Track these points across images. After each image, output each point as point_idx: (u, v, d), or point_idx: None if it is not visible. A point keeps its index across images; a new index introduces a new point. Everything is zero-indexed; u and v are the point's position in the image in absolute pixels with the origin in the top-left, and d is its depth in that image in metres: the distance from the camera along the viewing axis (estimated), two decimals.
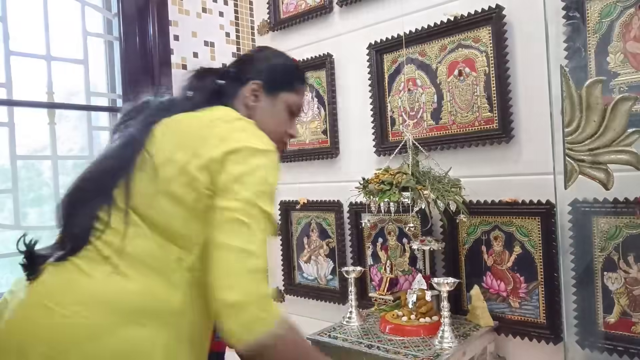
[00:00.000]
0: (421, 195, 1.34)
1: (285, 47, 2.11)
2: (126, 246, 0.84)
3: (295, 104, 1.11)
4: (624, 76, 1.27)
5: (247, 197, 0.82)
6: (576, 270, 1.35)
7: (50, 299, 0.79)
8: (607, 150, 1.09)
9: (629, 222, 1.27)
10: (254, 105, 1.06)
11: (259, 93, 1.06)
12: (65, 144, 1.76)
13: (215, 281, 0.78)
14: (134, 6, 1.87)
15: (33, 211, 1.69)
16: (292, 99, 1.10)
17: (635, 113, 1.22)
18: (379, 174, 1.45)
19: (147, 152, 0.88)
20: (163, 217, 0.86)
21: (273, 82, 1.07)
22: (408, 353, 1.25)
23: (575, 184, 1.35)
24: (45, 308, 0.78)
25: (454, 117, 1.60)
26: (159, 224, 0.86)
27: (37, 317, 0.78)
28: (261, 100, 1.07)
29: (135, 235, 0.85)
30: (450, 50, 1.59)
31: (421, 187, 1.35)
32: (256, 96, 1.06)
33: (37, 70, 1.67)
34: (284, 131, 1.11)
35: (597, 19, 1.30)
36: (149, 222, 0.86)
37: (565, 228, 1.37)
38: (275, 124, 1.08)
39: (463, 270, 1.57)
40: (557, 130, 1.18)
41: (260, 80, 1.06)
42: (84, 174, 0.93)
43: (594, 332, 1.33)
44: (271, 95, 1.07)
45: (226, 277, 0.78)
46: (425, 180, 1.38)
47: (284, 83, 1.09)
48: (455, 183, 1.45)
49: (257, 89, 1.06)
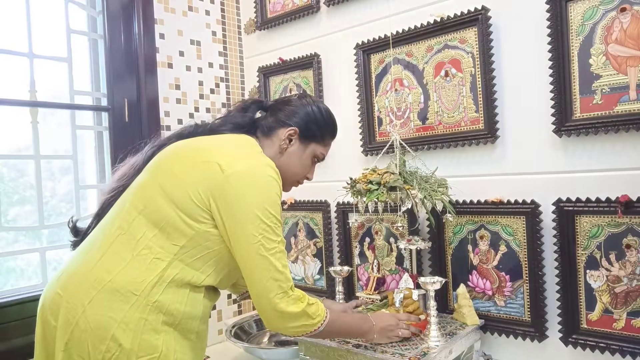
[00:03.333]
0: (409, 195, 1.35)
1: (272, 47, 2.11)
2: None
3: (322, 154, 1.25)
4: (606, 78, 1.30)
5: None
6: (559, 269, 1.37)
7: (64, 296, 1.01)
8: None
9: (611, 221, 1.30)
10: (285, 149, 1.19)
11: (294, 138, 1.19)
12: (48, 143, 1.73)
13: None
14: (118, 4, 1.84)
15: (14, 211, 1.66)
16: (319, 150, 1.24)
17: (635, 113, 1.25)
18: (367, 174, 1.45)
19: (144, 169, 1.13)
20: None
21: (308, 132, 1.21)
22: (395, 352, 1.26)
23: (559, 184, 1.38)
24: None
25: (440, 117, 1.61)
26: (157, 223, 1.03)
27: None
28: (293, 145, 1.20)
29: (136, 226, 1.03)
30: (437, 51, 1.60)
31: (409, 187, 1.36)
32: (290, 140, 1.19)
33: (19, 68, 1.63)
34: (303, 175, 1.25)
35: (579, 21, 1.32)
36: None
37: (549, 227, 1.39)
38: (299, 169, 1.22)
39: (449, 269, 1.59)
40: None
41: (298, 128, 1.19)
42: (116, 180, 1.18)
43: (577, 329, 1.35)
44: (303, 143, 1.21)
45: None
46: (413, 180, 1.39)
47: (317, 135, 1.22)
48: (442, 183, 1.46)
49: (293, 134, 1.19)
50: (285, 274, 1.04)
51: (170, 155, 1.11)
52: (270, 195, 1.04)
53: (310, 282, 2.00)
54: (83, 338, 0.94)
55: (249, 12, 2.19)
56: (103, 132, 1.85)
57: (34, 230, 1.67)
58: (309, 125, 1.20)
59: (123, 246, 1.01)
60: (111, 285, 0.97)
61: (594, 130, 1.30)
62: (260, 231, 1.01)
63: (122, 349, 0.94)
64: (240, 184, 1.01)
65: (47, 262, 1.66)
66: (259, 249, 1.01)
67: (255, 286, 1.03)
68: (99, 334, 0.94)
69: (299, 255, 2.04)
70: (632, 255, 1.27)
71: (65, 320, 0.96)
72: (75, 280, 1.00)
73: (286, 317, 1.05)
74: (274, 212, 1.03)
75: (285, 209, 2.06)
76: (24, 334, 1.52)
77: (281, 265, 1.03)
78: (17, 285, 1.62)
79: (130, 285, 0.97)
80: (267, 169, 1.05)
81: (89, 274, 0.99)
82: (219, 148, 1.09)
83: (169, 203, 1.02)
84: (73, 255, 1.08)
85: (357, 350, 1.30)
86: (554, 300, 1.39)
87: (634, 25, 1.25)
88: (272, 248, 1.02)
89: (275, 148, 1.18)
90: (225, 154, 1.06)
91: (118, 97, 1.83)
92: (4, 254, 1.60)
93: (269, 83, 2.13)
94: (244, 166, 1.04)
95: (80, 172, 1.78)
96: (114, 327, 0.94)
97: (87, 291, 0.97)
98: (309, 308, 1.08)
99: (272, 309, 1.03)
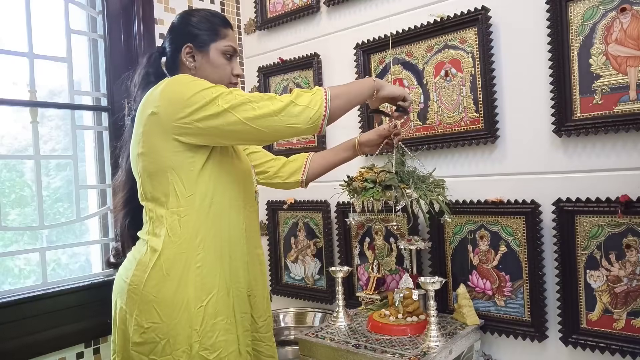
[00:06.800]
0: (404, 194, 1.34)
1: (272, 47, 2.11)
2: (155, 227, 1.12)
3: (227, 47, 1.21)
4: (606, 78, 1.30)
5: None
6: (559, 269, 1.37)
7: (123, 274, 1.14)
8: None
9: (611, 221, 1.30)
10: (194, 66, 1.19)
11: (194, 53, 1.19)
12: (48, 143, 1.73)
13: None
14: (118, 4, 1.84)
15: (14, 212, 1.66)
16: (222, 45, 1.20)
17: (635, 113, 1.25)
18: (363, 172, 1.44)
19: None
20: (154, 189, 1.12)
21: (197, 39, 1.19)
22: (395, 352, 1.26)
23: (559, 184, 1.38)
24: (123, 281, 1.14)
25: (440, 117, 1.61)
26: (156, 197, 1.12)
27: (119, 286, 1.15)
28: (198, 59, 1.19)
29: (154, 215, 1.12)
30: (437, 51, 1.60)
31: (404, 186, 1.35)
32: (192, 57, 1.19)
33: (19, 68, 1.63)
34: (228, 75, 1.22)
35: (579, 21, 1.32)
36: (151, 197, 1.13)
37: (549, 227, 1.39)
38: (217, 74, 1.20)
39: (449, 269, 1.59)
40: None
41: (189, 43, 1.18)
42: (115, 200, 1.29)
43: (577, 329, 1.35)
44: (202, 51, 1.19)
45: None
46: (409, 179, 1.38)
47: (206, 36, 1.19)
48: (439, 183, 1.44)
49: (190, 50, 1.19)
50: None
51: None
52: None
53: (310, 282, 2.00)
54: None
55: (249, 12, 2.19)
56: (103, 132, 1.85)
57: (33, 230, 1.67)
58: (192, 33, 1.19)
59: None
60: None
61: (594, 130, 1.30)
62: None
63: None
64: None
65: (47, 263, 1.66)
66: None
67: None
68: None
69: (298, 255, 2.04)
70: (632, 255, 1.27)
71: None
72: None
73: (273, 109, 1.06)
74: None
75: (285, 209, 2.06)
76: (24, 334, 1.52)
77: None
78: (15, 285, 1.62)
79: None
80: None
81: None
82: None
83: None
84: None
85: (357, 350, 1.29)
86: (554, 300, 1.39)
87: (634, 25, 1.25)
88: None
89: (188, 72, 1.18)
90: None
91: (118, 97, 1.83)
92: (3, 254, 1.60)
93: (269, 83, 2.13)
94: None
95: (80, 172, 1.78)
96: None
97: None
98: (300, 92, 1.09)
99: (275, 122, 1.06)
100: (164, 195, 1.10)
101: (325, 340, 1.38)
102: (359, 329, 1.46)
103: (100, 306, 1.69)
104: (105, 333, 1.69)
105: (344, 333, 1.43)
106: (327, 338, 1.40)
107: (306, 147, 1.99)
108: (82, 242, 1.80)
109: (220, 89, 1.06)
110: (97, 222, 1.83)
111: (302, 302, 2.03)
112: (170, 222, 1.09)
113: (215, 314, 1.09)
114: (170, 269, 1.07)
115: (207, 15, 1.22)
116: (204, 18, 1.21)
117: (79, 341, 1.63)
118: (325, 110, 1.07)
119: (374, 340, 1.35)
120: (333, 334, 1.43)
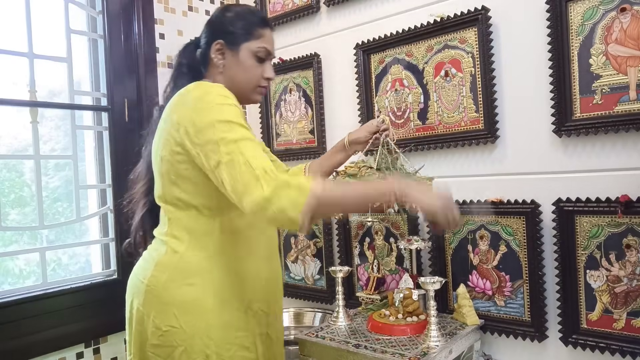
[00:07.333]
0: None
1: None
2: (173, 228, 1.09)
3: (260, 49, 1.16)
4: (606, 78, 1.30)
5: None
6: (559, 269, 1.37)
7: (140, 274, 1.11)
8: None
9: (611, 221, 1.30)
10: (222, 64, 1.15)
11: (224, 50, 1.15)
12: (47, 143, 1.73)
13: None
14: (118, 4, 1.84)
15: (14, 212, 1.66)
16: (254, 46, 1.15)
17: (635, 113, 1.25)
18: (347, 167, 1.43)
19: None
20: (177, 194, 1.08)
21: (230, 36, 1.14)
22: (395, 352, 1.26)
23: (559, 184, 1.38)
24: (139, 281, 1.10)
25: (440, 117, 1.61)
26: (176, 201, 1.09)
27: (135, 287, 1.11)
28: (227, 57, 1.15)
29: (174, 217, 1.09)
30: (437, 51, 1.60)
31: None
32: (222, 54, 1.15)
33: (19, 68, 1.63)
34: (257, 77, 1.18)
35: (579, 21, 1.32)
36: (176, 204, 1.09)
37: (549, 227, 1.39)
38: (244, 75, 1.16)
39: (449, 269, 1.59)
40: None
41: (221, 39, 1.14)
42: (131, 193, 1.24)
43: (577, 329, 1.35)
44: (233, 49, 1.15)
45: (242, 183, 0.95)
46: (390, 175, 1.34)
47: (241, 35, 1.14)
48: (425, 181, 1.39)
49: (220, 47, 1.15)
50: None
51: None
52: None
53: (310, 282, 2.00)
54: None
55: None
56: (103, 132, 1.85)
57: (33, 230, 1.67)
58: (225, 29, 1.14)
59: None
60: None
61: (594, 130, 1.30)
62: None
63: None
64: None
65: (47, 263, 1.66)
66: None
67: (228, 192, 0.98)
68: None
69: (298, 255, 2.04)
70: (632, 255, 1.27)
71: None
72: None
73: (270, 198, 0.91)
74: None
75: None
76: (24, 334, 1.52)
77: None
78: (15, 285, 1.62)
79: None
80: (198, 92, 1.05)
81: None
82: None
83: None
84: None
85: (357, 350, 1.29)
86: (554, 300, 1.39)
87: (634, 25, 1.25)
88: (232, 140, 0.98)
89: (217, 69, 1.16)
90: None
91: (118, 97, 1.83)
92: (3, 254, 1.60)
93: (269, 83, 2.12)
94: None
95: (80, 172, 1.78)
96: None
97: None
98: (292, 180, 0.94)
99: (253, 204, 0.93)
100: (185, 201, 1.07)
101: (325, 340, 1.38)
102: (359, 329, 1.46)
103: (100, 306, 1.69)
104: (105, 333, 1.69)
105: (344, 333, 1.43)
106: (327, 338, 1.40)
107: (306, 147, 1.99)
108: (82, 242, 1.80)
109: (229, 146, 0.97)
110: (97, 222, 1.83)
111: (302, 302, 2.03)
112: (192, 227, 1.07)
113: (233, 326, 1.06)
114: (192, 274, 1.05)
115: (243, 12, 1.17)
116: (240, 15, 1.16)
117: (79, 341, 1.63)
118: (300, 217, 0.91)
119: (374, 340, 1.35)
120: (333, 334, 1.43)
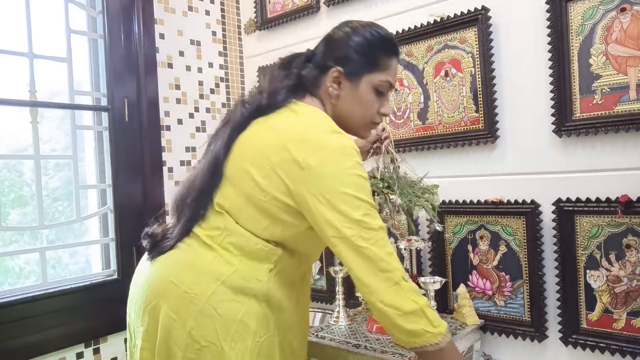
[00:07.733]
0: (387, 200, 1.28)
1: (272, 47, 2.11)
2: (225, 238, 0.97)
3: (383, 82, 1.03)
4: (606, 78, 1.30)
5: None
6: (559, 269, 1.37)
7: (175, 277, 0.96)
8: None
9: (611, 221, 1.30)
10: (337, 95, 1.02)
11: (341, 80, 1.02)
12: (47, 143, 1.73)
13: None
14: (118, 4, 1.84)
15: (14, 212, 1.66)
16: (377, 79, 1.02)
17: (635, 113, 1.25)
18: None
19: (223, 171, 1.00)
20: (250, 220, 0.98)
21: (353, 65, 1.01)
22: (395, 352, 1.26)
23: (559, 184, 1.38)
24: (173, 284, 0.96)
25: (440, 117, 1.61)
26: (246, 225, 0.97)
27: (167, 289, 0.96)
28: (344, 88, 1.02)
29: (231, 230, 0.97)
30: (437, 51, 1.60)
31: (388, 192, 1.29)
32: (339, 84, 1.02)
33: (19, 68, 1.63)
34: (373, 113, 1.06)
35: (579, 21, 1.32)
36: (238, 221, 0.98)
37: (549, 227, 1.39)
38: (361, 110, 1.04)
39: (449, 269, 1.59)
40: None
41: (340, 66, 1.01)
42: (189, 180, 1.06)
43: (577, 329, 1.35)
44: (353, 81, 1.02)
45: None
46: (395, 185, 1.31)
47: (365, 65, 1.01)
48: (429, 189, 1.37)
49: (338, 76, 1.02)
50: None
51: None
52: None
53: (310, 282, 1.99)
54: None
55: (249, 12, 2.19)
56: (103, 132, 1.85)
57: (33, 230, 1.67)
58: (349, 56, 1.01)
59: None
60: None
61: (594, 130, 1.30)
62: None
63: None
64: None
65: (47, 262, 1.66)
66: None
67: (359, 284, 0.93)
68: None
69: None
70: (632, 255, 1.27)
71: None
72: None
73: (403, 314, 0.88)
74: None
75: None
76: (24, 334, 1.52)
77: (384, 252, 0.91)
78: (15, 285, 1.62)
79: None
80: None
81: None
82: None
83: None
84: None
85: (357, 350, 1.30)
86: (554, 300, 1.39)
87: (634, 25, 1.25)
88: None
89: (328, 97, 1.03)
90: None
91: (118, 97, 1.83)
92: (3, 254, 1.60)
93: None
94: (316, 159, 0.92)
95: (80, 172, 1.78)
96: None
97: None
98: (427, 309, 0.91)
99: (383, 305, 0.89)
100: (243, 220, 0.98)
101: (325, 340, 1.38)
102: (359, 329, 1.46)
103: (100, 306, 1.69)
104: (105, 333, 1.69)
105: (344, 333, 1.43)
106: (327, 338, 1.40)
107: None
108: (82, 242, 1.80)
109: (369, 233, 0.91)
110: (97, 222, 1.83)
111: None
112: (245, 244, 0.98)
113: (268, 355, 0.98)
114: (242, 291, 0.96)
115: (372, 38, 1.02)
116: (367, 41, 1.01)
117: (79, 341, 1.63)
118: (441, 339, 0.90)
119: (374, 340, 1.35)
120: (333, 334, 1.43)
